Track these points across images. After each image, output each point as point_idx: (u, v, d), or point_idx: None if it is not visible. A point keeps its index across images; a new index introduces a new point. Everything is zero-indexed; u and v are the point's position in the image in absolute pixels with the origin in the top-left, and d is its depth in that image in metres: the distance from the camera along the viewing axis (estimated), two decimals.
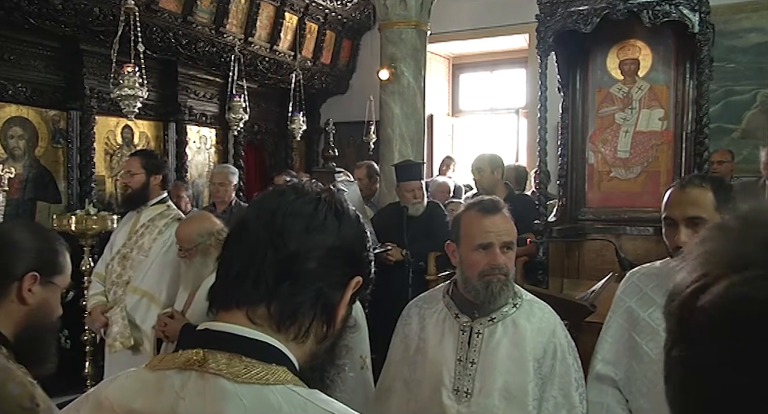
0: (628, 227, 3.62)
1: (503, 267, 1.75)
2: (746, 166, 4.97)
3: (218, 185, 4.44)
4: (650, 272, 1.95)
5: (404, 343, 1.93)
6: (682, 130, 3.64)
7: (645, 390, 1.82)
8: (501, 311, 1.80)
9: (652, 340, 1.83)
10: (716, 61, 5.73)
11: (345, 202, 0.93)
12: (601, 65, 3.92)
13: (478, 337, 1.78)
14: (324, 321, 0.88)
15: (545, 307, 1.87)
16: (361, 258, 0.93)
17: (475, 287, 1.77)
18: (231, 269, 0.88)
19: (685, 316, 0.45)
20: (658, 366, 1.75)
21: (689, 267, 0.47)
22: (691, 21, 3.28)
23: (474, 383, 1.74)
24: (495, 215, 1.78)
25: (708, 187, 1.74)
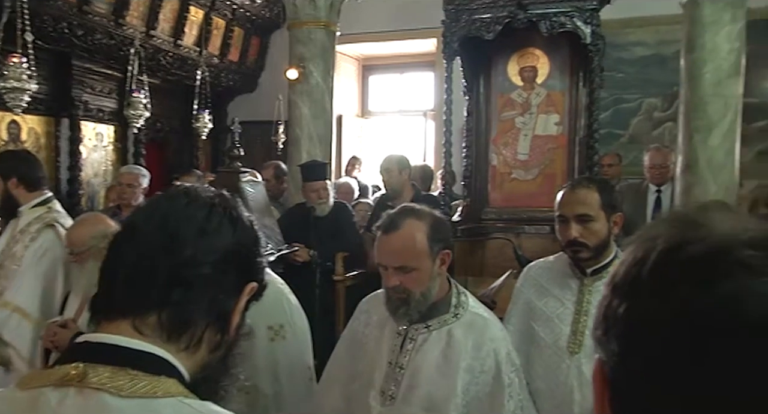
0: (527, 226, 3.80)
1: (397, 288, 1.68)
2: (632, 168, 5.34)
3: (126, 186, 4.20)
4: (545, 266, 2.10)
5: (351, 335, 1.92)
6: (576, 135, 3.87)
7: (542, 372, 1.96)
8: (439, 319, 1.74)
9: (548, 327, 1.97)
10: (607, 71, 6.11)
11: (239, 207, 0.91)
12: (503, 71, 4.10)
13: (411, 343, 1.75)
14: (218, 329, 0.86)
15: (490, 320, 1.79)
16: (256, 264, 0.91)
17: (385, 298, 1.76)
18: (116, 276, 0.83)
19: (630, 282, 0.53)
20: (552, 350, 1.85)
21: (632, 247, 0.55)
22: (584, 33, 3.50)
23: (399, 388, 1.73)
24: (390, 235, 1.68)
25: (594, 188, 1.91)
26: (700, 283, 0.48)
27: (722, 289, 0.47)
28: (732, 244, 0.49)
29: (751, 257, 0.47)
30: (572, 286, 1.97)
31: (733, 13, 3.76)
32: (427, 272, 1.68)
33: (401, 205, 1.80)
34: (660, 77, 6.08)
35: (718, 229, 0.51)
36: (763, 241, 0.49)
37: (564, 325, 1.95)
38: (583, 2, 3.50)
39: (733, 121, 3.76)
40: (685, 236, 0.51)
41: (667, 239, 0.52)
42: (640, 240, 0.54)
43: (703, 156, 3.74)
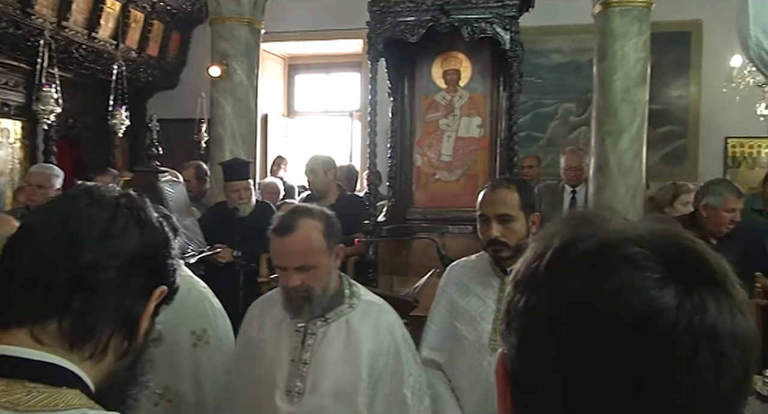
0: (450, 226, 3.88)
1: (299, 287, 1.73)
2: (551, 170, 5.57)
3: (36, 187, 3.92)
4: (467, 265, 2.14)
5: (245, 341, 1.91)
6: (497, 137, 3.99)
7: (465, 370, 2.00)
8: (336, 311, 1.81)
9: (470, 324, 2.01)
10: (526, 76, 6.35)
11: (147, 207, 0.88)
12: (427, 74, 4.16)
13: (312, 337, 1.79)
14: (125, 335, 0.82)
15: (383, 306, 1.90)
16: (166, 266, 0.87)
17: (284, 299, 1.79)
18: (12, 282, 0.78)
19: (529, 277, 0.55)
20: (474, 347, 1.92)
21: (533, 244, 0.58)
22: (503, 39, 3.61)
23: (306, 383, 1.76)
24: (286, 237, 1.72)
25: (514, 189, 1.97)
26: (590, 277, 0.50)
27: (609, 284, 0.49)
28: (619, 241, 0.52)
29: (636, 253, 0.50)
30: (494, 285, 2.03)
31: (639, 26, 4.00)
32: (326, 268, 1.76)
33: (291, 206, 1.84)
34: (575, 83, 6.38)
35: (608, 227, 0.54)
36: (648, 238, 0.52)
37: (486, 322, 1.99)
38: (503, 10, 3.61)
39: (641, 126, 4.00)
40: (578, 234, 0.54)
41: (562, 237, 0.55)
42: (540, 238, 0.57)
43: (613, 158, 3.96)
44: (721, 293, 0.50)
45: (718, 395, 0.49)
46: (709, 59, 6.38)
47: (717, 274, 0.51)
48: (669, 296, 0.48)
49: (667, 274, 0.49)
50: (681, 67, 6.57)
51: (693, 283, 0.49)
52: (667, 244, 0.52)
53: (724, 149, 6.55)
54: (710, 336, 0.48)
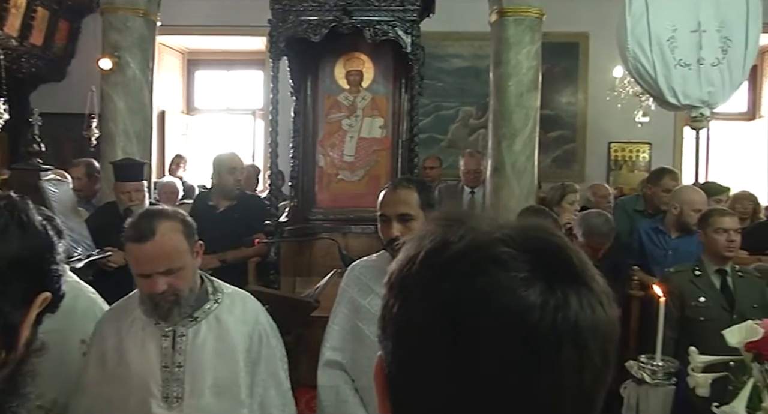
0: (353, 226, 3.91)
1: (167, 292, 1.69)
2: (452, 171, 5.74)
3: None
4: (368, 264, 2.16)
5: (100, 362, 1.80)
6: (399, 138, 4.07)
7: (367, 370, 1.99)
8: (203, 309, 1.80)
9: (372, 324, 2.02)
10: (428, 80, 6.52)
11: (30, 210, 0.83)
12: (330, 74, 4.17)
13: (183, 339, 1.77)
14: (3, 345, 0.77)
15: (247, 297, 1.93)
16: (49, 272, 0.83)
17: (148, 305, 1.74)
18: None
19: (401, 280, 0.56)
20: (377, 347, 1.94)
21: (407, 245, 0.58)
22: (405, 42, 3.69)
23: (184, 386, 1.73)
24: (146, 243, 1.65)
25: (414, 189, 2.01)
26: (460, 279, 0.51)
27: (478, 284, 0.50)
28: (488, 242, 0.53)
29: (504, 253, 0.51)
30: None
31: (531, 35, 4.22)
32: (191, 268, 1.75)
33: (143, 209, 1.80)
34: (475, 88, 6.61)
35: (478, 228, 0.55)
36: (515, 238, 0.53)
37: None
38: (405, 13, 3.68)
39: (533, 130, 4.22)
40: (449, 235, 0.54)
41: (433, 238, 0.55)
42: (414, 239, 0.57)
43: (508, 160, 4.15)
44: (582, 287, 0.52)
45: (582, 387, 0.51)
46: (595, 69, 6.84)
47: (578, 268, 0.53)
48: (534, 295, 0.50)
49: (533, 273, 0.51)
50: (570, 76, 6.99)
51: (556, 279, 0.51)
52: (532, 242, 0.53)
53: (608, 153, 7.05)
54: (573, 331, 0.50)
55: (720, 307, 2.88)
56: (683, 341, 2.24)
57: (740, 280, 2.96)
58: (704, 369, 1.96)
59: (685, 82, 4.08)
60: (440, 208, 4.47)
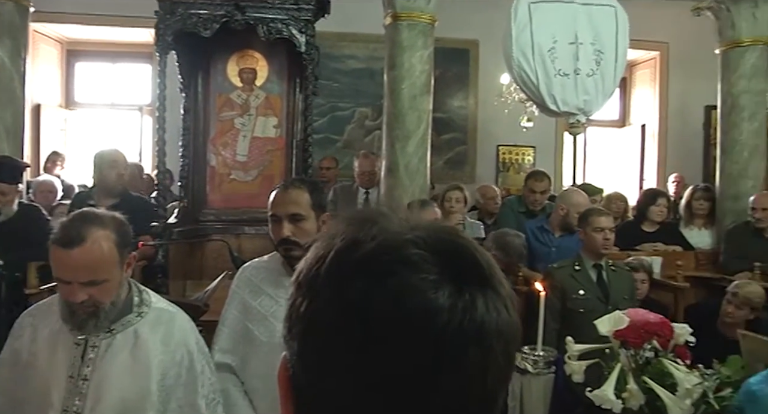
0: (246, 227, 3.82)
1: (86, 302, 1.58)
2: (347, 172, 5.76)
3: None
4: (259, 266, 2.13)
5: (13, 358, 1.67)
6: (293, 138, 4.03)
7: (258, 371, 1.97)
8: (122, 321, 1.67)
9: (263, 325, 2.00)
10: (324, 80, 6.51)
11: None
12: (222, 71, 4.05)
13: (94, 350, 1.63)
14: None
15: (176, 314, 1.79)
16: None
17: (65, 310, 1.63)
18: None
19: (311, 279, 0.55)
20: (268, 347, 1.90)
21: (316, 244, 0.57)
22: (299, 41, 3.66)
23: (86, 402, 1.60)
24: (72, 249, 1.54)
25: (305, 189, 2.00)
26: (370, 279, 0.51)
27: (388, 285, 0.50)
28: (399, 243, 0.53)
29: (414, 255, 0.52)
30: (286, 285, 2.03)
31: (424, 40, 4.34)
32: (116, 281, 1.62)
33: (76, 212, 1.67)
34: (370, 89, 6.68)
35: (389, 229, 0.55)
36: (425, 240, 0.53)
37: (278, 322, 1.96)
38: (299, 12, 3.65)
39: (426, 132, 4.34)
40: (359, 235, 0.54)
41: (344, 238, 0.55)
42: (324, 238, 0.57)
43: (402, 162, 4.23)
44: (489, 290, 0.53)
45: (486, 387, 0.53)
46: (484, 75, 7.14)
47: (485, 271, 0.54)
48: (443, 297, 0.50)
49: (442, 275, 0.51)
50: (461, 81, 7.26)
51: (464, 282, 0.52)
52: (442, 244, 0.54)
53: (497, 155, 7.39)
54: (479, 333, 0.51)
55: (597, 299, 3.11)
56: (565, 332, 2.39)
57: (613, 274, 3.21)
58: (580, 357, 2.10)
59: (564, 90, 4.37)
60: (335, 209, 4.48)
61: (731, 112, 4.95)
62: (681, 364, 1.97)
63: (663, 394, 1.87)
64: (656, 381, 1.91)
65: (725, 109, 5.02)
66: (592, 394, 1.93)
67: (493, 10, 5.81)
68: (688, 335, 2.05)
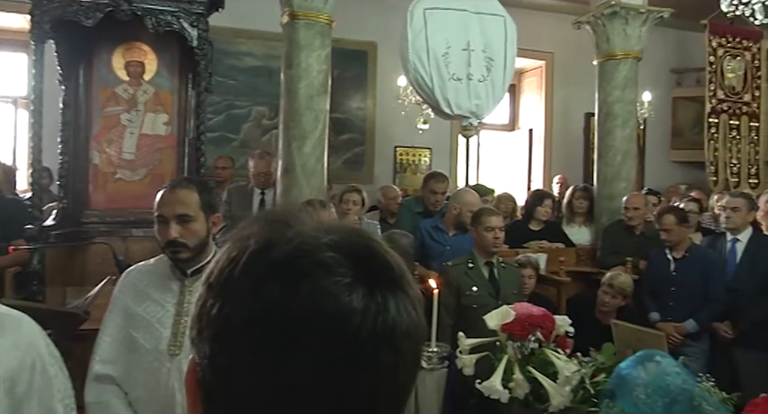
0: (134, 229, 3.63)
1: None
2: (244, 171, 5.62)
3: None
4: (144, 269, 2.03)
5: None
6: (186, 136, 3.87)
7: (142, 380, 1.89)
8: None
9: (148, 332, 1.91)
10: (220, 77, 6.33)
11: None
12: (107, 63, 3.83)
13: None
14: None
15: (21, 319, 1.66)
16: None
17: None
18: None
19: (224, 281, 0.55)
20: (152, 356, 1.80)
21: (228, 245, 0.57)
22: (191, 35, 3.52)
23: None
24: None
25: (194, 189, 1.93)
26: (285, 282, 0.52)
27: (304, 289, 0.51)
28: (314, 247, 0.53)
29: (329, 258, 0.53)
30: (173, 289, 1.96)
31: (321, 40, 4.32)
32: None
33: None
34: (267, 88, 6.56)
35: (304, 231, 0.55)
36: (339, 243, 0.54)
37: (165, 328, 1.91)
38: (191, 5, 3.52)
39: (323, 132, 4.32)
40: (274, 237, 0.54)
41: (258, 239, 0.55)
42: (235, 239, 0.56)
43: (298, 162, 4.19)
44: (400, 292, 0.55)
45: (396, 385, 0.54)
46: (382, 77, 7.24)
47: (396, 274, 0.56)
48: (357, 300, 0.52)
49: (356, 278, 0.52)
50: (360, 82, 7.31)
51: (377, 285, 0.53)
52: (356, 248, 0.55)
53: (394, 156, 7.51)
54: (391, 334, 0.53)
55: (489, 294, 3.24)
56: (460, 327, 2.47)
57: (503, 271, 3.36)
58: (471, 351, 2.18)
59: (457, 94, 4.53)
60: (229, 210, 4.36)
61: (606, 119, 5.36)
62: (561, 353, 2.11)
63: (545, 382, 1.99)
64: (540, 370, 2.02)
65: (601, 116, 5.43)
66: (481, 386, 2.01)
67: (390, 13, 5.91)
68: (568, 326, 2.19)
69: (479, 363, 2.14)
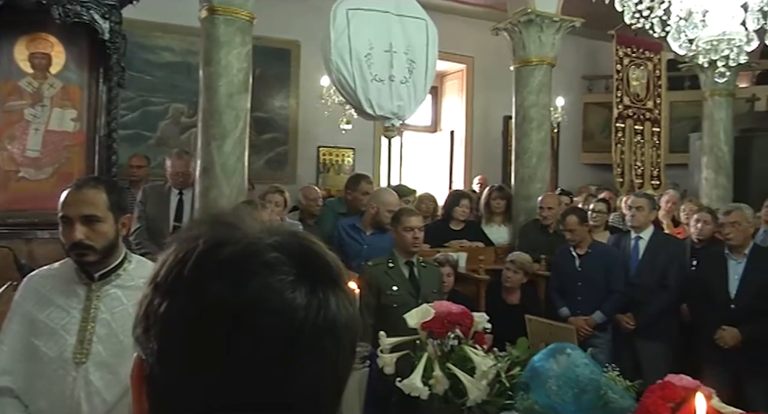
0: (39, 231, 3.41)
1: None
2: (160, 170, 5.43)
3: None
4: (48, 274, 1.93)
5: None
6: (96, 133, 3.68)
7: (45, 390, 1.80)
8: None
9: (52, 339, 1.81)
10: (135, 72, 6.08)
11: None
12: (8, 54, 3.58)
13: None
14: None
15: None
16: None
17: None
18: None
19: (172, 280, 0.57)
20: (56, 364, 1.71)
21: (175, 245, 0.59)
22: (102, 28, 3.36)
23: None
24: None
25: (102, 189, 1.84)
26: (233, 281, 0.55)
27: (251, 287, 0.55)
28: (260, 247, 0.57)
29: (274, 258, 0.56)
30: (79, 293, 1.86)
31: (242, 37, 4.23)
32: None
33: None
34: (186, 84, 6.36)
35: (250, 233, 0.59)
36: (284, 244, 0.58)
37: (70, 335, 1.82)
38: None
39: (243, 131, 4.23)
40: (222, 238, 0.58)
41: (206, 240, 0.58)
42: (183, 239, 0.59)
43: (218, 161, 4.08)
44: (339, 290, 0.59)
45: (337, 375, 0.59)
46: (306, 77, 7.19)
47: (335, 273, 0.61)
48: (300, 297, 0.56)
49: (299, 277, 0.56)
50: (283, 81, 7.23)
51: (318, 283, 0.58)
52: (297, 248, 0.59)
53: (317, 156, 7.48)
54: (332, 328, 0.57)
55: (409, 293, 3.28)
56: (381, 327, 2.48)
57: (423, 270, 3.42)
58: (392, 349, 2.20)
59: (380, 95, 4.56)
60: (144, 210, 4.19)
61: (523, 122, 5.57)
62: (479, 349, 2.17)
63: (464, 377, 2.04)
64: (458, 366, 2.08)
65: (518, 119, 5.63)
66: (402, 384, 2.04)
67: (314, 13, 5.87)
68: (485, 323, 2.25)
69: (400, 361, 2.17)
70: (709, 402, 1.55)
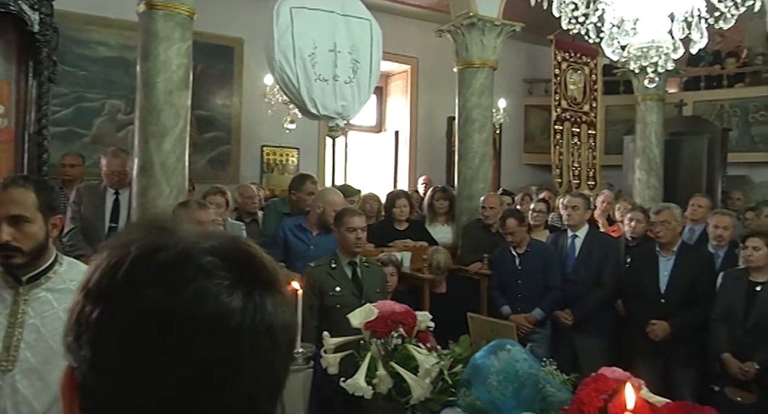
0: None
1: None
2: (95, 170, 5.22)
3: None
4: None
5: None
6: (25, 130, 3.52)
7: None
8: None
9: None
10: (69, 67, 5.84)
11: None
12: None
13: None
14: None
15: None
16: None
17: None
18: None
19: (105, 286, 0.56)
20: None
21: (107, 251, 0.59)
22: (31, 19, 3.21)
23: None
24: None
25: (31, 188, 1.77)
26: (168, 287, 0.54)
27: (186, 292, 0.54)
28: (195, 252, 0.57)
29: (209, 263, 0.56)
30: (6, 297, 1.77)
31: (182, 33, 4.11)
32: None
33: None
34: (123, 80, 6.14)
35: (186, 237, 0.58)
36: (219, 249, 0.58)
37: None
38: None
39: (184, 130, 4.12)
40: (157, 243, 0.57)
41: (140, 245, 0.57)
42: (115, 245, 0.58)
43: (157, 160, 3.96)
44: (275, 292, 0.59)
45: (274, 376, 0.60)
46: (249, 75, 7.08)
47: (272, 276, 0.60)
48: (236, 300, 0.56)
49: (234, 280, 0.56)
50: (225, 79, 7.09)
51: (254, 286, 0.58)
52: (233, 252, 0.59)
53: (261, 156, 7.38)
54: (268, 331, 0.57)
55: (352, 294, 3.27)
56: (324, 327, 2.47)
57: (366, 270, 3.42)
58: (336, 350, 2.20)
59: (324, 95, 4.54)
60: (78, 210, 4.02)
61: (466, 123, 5.66)
62: (423, 347, 2.19)
63: (407, 376, 2.06)
64: (402, 365, 2.09)
65: (461, 120, 5.72)
66: (346, 384, 2.04)
67: (258, 10, 5.79)
68: (428, 321, 2.28)
69: (344, 361, 2.17)
70: (638, 393, 1.62)
